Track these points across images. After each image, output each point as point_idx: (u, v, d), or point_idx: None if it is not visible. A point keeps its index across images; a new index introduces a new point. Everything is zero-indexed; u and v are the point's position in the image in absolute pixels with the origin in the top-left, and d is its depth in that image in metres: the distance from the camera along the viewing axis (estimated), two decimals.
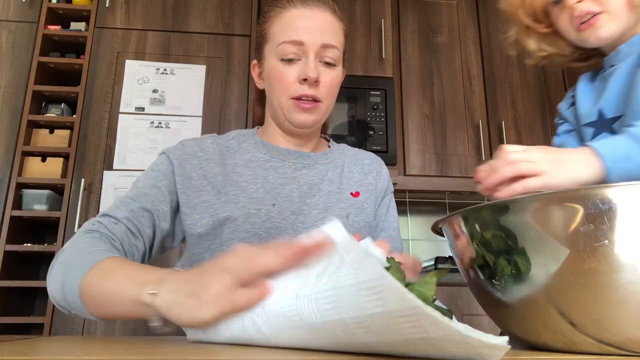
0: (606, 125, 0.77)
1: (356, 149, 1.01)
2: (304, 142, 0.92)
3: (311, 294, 0.40)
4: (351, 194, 0.90)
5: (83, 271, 0.63)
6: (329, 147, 0.98)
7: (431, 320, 0.31)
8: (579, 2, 0.73)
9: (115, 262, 0.64)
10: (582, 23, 0.73)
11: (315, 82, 0.82)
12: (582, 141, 0.84)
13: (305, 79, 0.81)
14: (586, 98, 0.82)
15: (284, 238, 0.79)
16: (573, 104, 0.86)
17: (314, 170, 0.90)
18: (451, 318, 0.44)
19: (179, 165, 0.84)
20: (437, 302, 0.47)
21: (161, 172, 0.83)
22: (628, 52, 0.75)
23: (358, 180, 0.93)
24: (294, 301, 0.41)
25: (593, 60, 0.85)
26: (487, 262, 0.44)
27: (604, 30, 0.73)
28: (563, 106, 0.90)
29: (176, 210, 0.83)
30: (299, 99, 0.83)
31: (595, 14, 0.72)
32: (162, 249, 0.84)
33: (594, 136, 0.78)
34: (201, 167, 0.84)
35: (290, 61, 0.83)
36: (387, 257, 0.50)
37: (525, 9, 0.81)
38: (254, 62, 0.92)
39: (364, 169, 0.95)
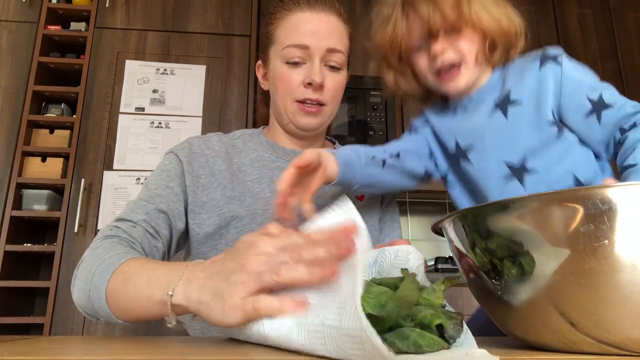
0: (463, 153, 0.83)
1: None
2: (309, 143, 0.92)
3: (305, 323, 0.40)
4: (356, 197, 0.90)
5: (106, 277, 0.62)
6: (335, 149, 0.98)
7: None
8: (442, 53, 0.78)
9: (137, 264, 0.62)
10: (444, 73, 0.79)
11: (320, 86, 0.82)
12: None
13: (309, 83, 0.81)
14: (447, 133, 0.86)
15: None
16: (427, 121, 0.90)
17: None
18: (461, 322, 0.44)
19: (187, 164, 0.83)
20: (447, 307, 0.47)
21: (172, 172, 0.83)
22: (479, 100, 0.83)
23: None
24: (292, 325, 0.41)
25: (432, 99, 0.92)
26: (487, 262, 0.44)
27: (462, 81, 0.80)
28: (418, 122, 0.91)
29: (187, 209, 0.83)
30: (303, 102, 0.83)
31: (455, 66, 0.79)
32: (177, 249, 0.84)
33: (456, 162, 0.84)
34: (208, 165, 0.84)
35: (295, 64, 0.83)
36: (402, 269, 0.50)
37: (393, 51, 0.85)
38: (259, 62, 0.92)
39: None
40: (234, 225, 0.79)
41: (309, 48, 0.82)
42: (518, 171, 0.79)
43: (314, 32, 0.82)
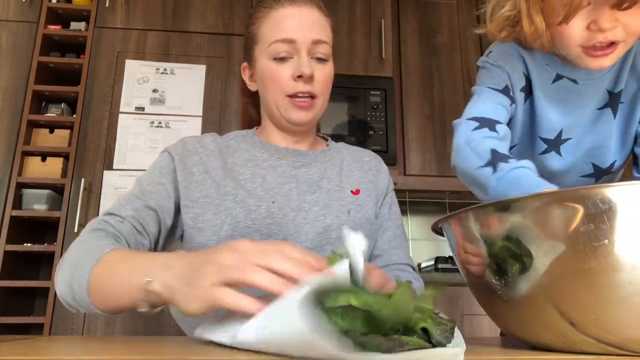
0: (558, 145, 0.76)
1: (354, 147, 1.01)
2: (301, 139, 0.92)
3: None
4: (351, 191, 0.90)
5: (90, 267, 0.63)
6: (327, 145, 0.98)
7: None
8: (612, 29, 0.64)
9: (120, 253, 0.64)
10: (597, 49, 0.66)
11: (310, 78, 0.83)
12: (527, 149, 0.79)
13: (299, 76, 0.82)
14: (551, 108, 0.74)
15: (285, 232, 0.80)
16: (529, 91, 0.75)
17: (313, 168, 0.90)
18: (452, 329, 0.42)
19: (180, 161, 0.84)
20: (441, 314, 0.46)
21: (164, 169, 0.84)
22: (595, 77, 0.73)
23: (358, 177, 0.93)
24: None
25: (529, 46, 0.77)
26: (487, 262, 0.44)
27: (612, 60, 0.67)
28: (516, 81, 0.75)
29: (179, 206, 0.83)
30: (294, 96, 0.84)
31: (615, 43, 0.65)
32: (165, 245, 0.84)
33: (545, 152, 0.76)
34: (202, 162, 0.85)
35: (282, 60, 0.83)
36: (398, 281, 0.49)
37: None
38: (244, 64, 0.93)
39: (363, 166, 0.96)
40: (228, 222, 0.79)
41: (295, 42, 0.83)
42: (602, 174, 0.76)
43: (299, 26, 0.83)
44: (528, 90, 0.77)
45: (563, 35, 0.67)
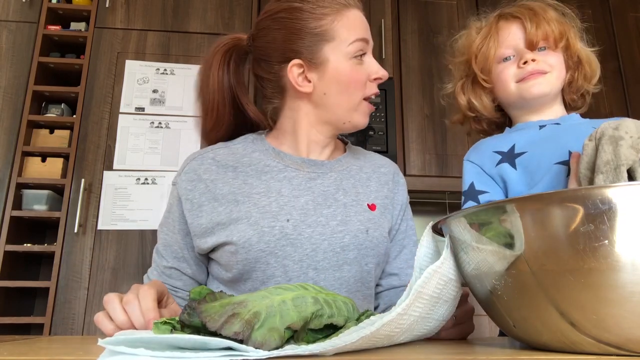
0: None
1: (372, 154, 0.98)
2: (327, 145, 0.89)
3: None
4: (367, 205, 0.86)
5: None
6: (345, 150, 0.94)
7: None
8: (534, 60, 0.83)
9: None
10: (528, 77, 0.83)
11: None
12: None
13: (377, 78, 0.84)
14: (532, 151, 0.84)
15: (301, 252, 0.78)
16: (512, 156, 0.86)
17: (329, 179, 0.86)
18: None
19: (187, 200, 0.82)
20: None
21: (175, 214, 0.84)
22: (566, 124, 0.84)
23: (375, 190, 0.89)
24: None
25: (494, 133, 0.95)
26: (487, 262, 0.44)
27: (545, 86, 0.83)
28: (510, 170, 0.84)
29: (196, 237, 0.83)
30: (368, 99, 0.85)
31: (543, 73, 0.83)
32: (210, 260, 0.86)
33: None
34: (209, 190, 0.82)
35: (360, 59, 0.83)
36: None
37: (478, 59, 0.90)
38: (297, 61, 0.81)
39: (380, 178, 0.92)
40: (242, 245, 0.76)
41: (369, 43, 0.85)
42: None
43: (368, 28, 0.87)
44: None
45: (501, 81, 0.86)
